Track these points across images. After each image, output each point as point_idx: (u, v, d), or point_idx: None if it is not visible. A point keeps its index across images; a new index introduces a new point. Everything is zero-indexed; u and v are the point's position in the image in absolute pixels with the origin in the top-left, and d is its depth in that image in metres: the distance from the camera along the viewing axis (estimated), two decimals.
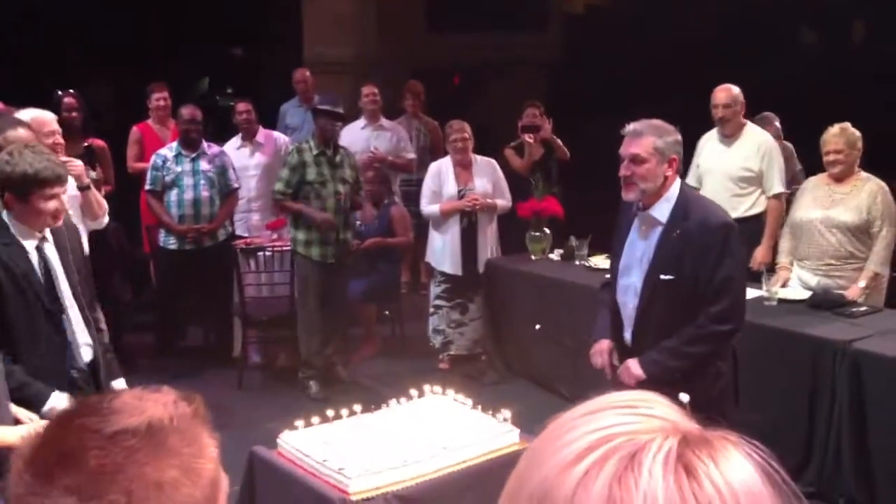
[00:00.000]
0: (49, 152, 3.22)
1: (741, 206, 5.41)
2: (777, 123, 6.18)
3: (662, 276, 3.21)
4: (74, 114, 5.85)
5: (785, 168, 5.54)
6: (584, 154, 6.58)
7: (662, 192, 3.22)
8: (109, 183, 5.95)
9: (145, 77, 7.21)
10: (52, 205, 2.99)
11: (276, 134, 6.94)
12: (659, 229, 3.25)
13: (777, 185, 5.39)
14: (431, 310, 6.09)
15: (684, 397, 2.94)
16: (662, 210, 3.24)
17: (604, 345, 3.47)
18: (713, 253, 3.16)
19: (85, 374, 3.15)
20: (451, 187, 5.91)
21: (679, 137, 3.26)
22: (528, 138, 6.59)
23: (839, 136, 4.67)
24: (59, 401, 2.85)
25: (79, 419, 0.93)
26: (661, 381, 3.11)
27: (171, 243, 6.02)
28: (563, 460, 0.60)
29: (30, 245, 3.05)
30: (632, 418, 0.62)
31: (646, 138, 3.18)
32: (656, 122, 3.26)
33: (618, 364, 3.44)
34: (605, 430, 0.60)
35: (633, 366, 3.27)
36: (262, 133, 6.76)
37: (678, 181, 3.29)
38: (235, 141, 6.73)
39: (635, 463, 0.58)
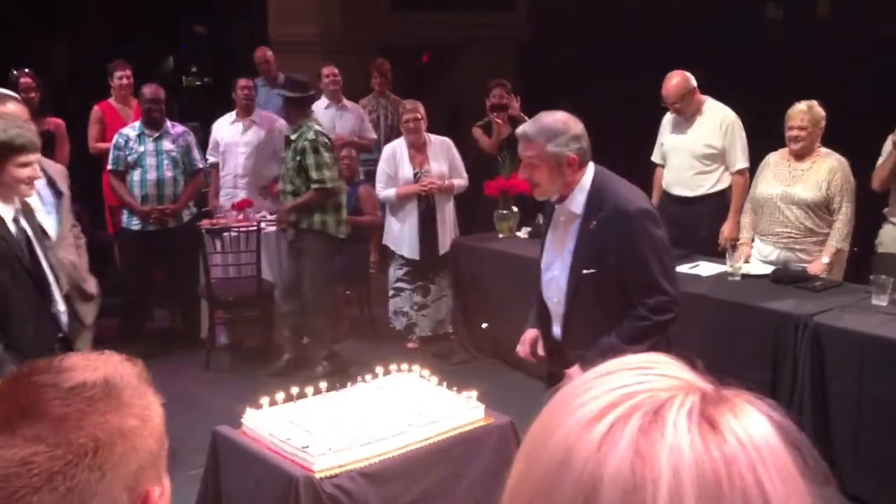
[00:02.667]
0: (23, 120, 3.19)
1: (706, 183, 5.45)
2: None
3: (585, 271, 3.10)
4: (32, 94, 5.76)
5: None
6: None
7: (572, 185, 3.10)
8: (63, 162, 5.87)
9: (108, 54, 7.09)
10: (26, 171, 2.97)
11: (275, 116, 6.86)
12: (577, 222, 3.14)
13: (740, 161, 5.41)
14: (392, 292, 6.07)
15: None
16: (577, 201, 3.12)
17: (528, 335, 3.43)
18: (633, 241, 3.04)
19: (66, 341, 3.13)
20: (406, 170, 5.84)
21: (577, 131, 3.07)
22: (496, 118, 6.58)
23: (805, 113, 4.69)
24: None
25: (33, 377, 0.94)
26: None
27: (135, 224, 5.95)
28: (583, 417, 0.61)
29: (7, 216, 3.01)
30: (648, 377, 0.63)
31: (535, 144, 3.05)
32: (549, 120, 3.09)
33: (543, 354, 3.38)
34: (625, 389, 0.62)
35: (577, 375, 3.07)
36: (259, 112, 6.71)
37: (589, 171, 3.13)
38: (230, 115, 6.69)
39: (659, 418, 0.59)
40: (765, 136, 5.36)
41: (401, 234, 5.89)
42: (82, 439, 0.89)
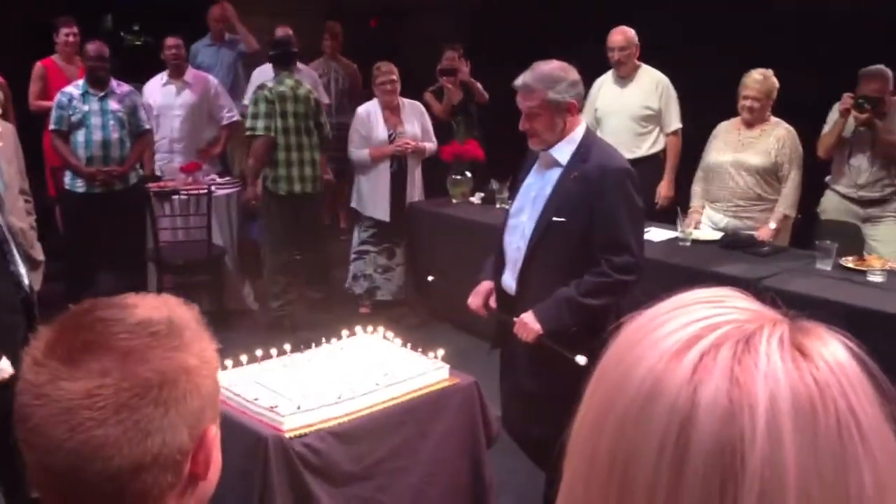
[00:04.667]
0: None
1: (644, 145, 5.61)
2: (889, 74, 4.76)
3: (555, 218, 3.11)
4: None
5: None
6: (506, 97, 6.58)
7: (565, 134, 3.16)
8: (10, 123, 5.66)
9: (45, 11, 6.84)
10: None
11: (207, 76, 6.70)
12: (558, 171, 3.18)
13: (675, 122, 5.63)
14: (354, 255, 6.05)
15: (581, 359, 2.88)
16: (563, 152, 3.17)
17: (482, 286, 3.43)
18: (612, 197, 3.07)
19: (27, 302, 3.04)
20: (380, 131, 5.82)
21: (574, 78, 3.15)
22: (447, 82, 6.58)
23: (760, 82, 4.79)
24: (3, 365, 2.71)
25: (97, 312, 0.94)
26: (558, 336, 3.05)
27: (79, 186, 5.78)
28: (669, 349, 0.61)
29: None
30: (725, 309, 0.64)
31: (537, 93, 3.09)
32: (547, 68, 3.13)
33: (494, 306, 3.38)
34: (707, 320, 0.62)
35: (530, 320, 3.12)
36: (190, 72, 6.53)
37: (583, 124, 3.23)
38: (161, 77, 6.49)
39: (751, 346, 0.60)
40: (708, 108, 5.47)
41: (371, 195, 5.87)
42: (148, 373, 0.90)
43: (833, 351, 0.61)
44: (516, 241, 3.27)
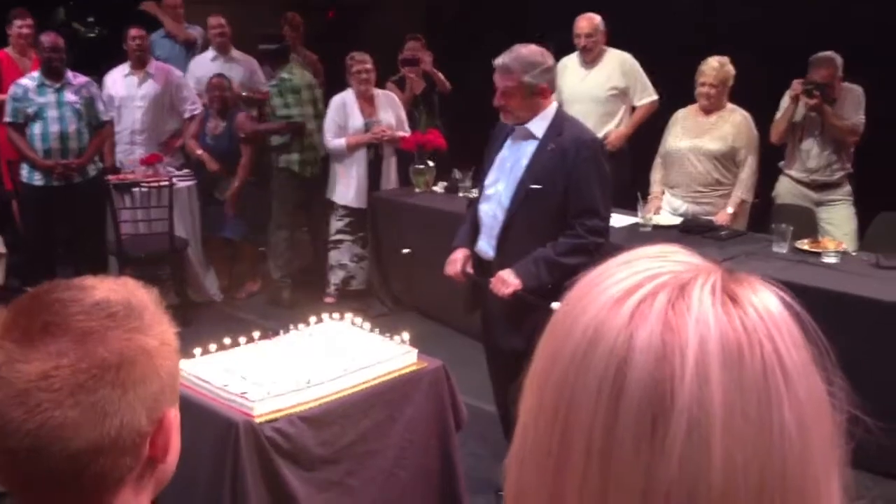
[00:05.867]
0: None
1: (607, 126, 5.67)
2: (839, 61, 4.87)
3: (532, 186, 3.36)
4: None
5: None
6: (466, 87, 6.61)
7: (538, 112, 3.41)
8: None
9: None
10: None
11: (170, 67, 6.61)
12: (533, 143, 3.41)
13: (651, 91, 5.70)
14: (329, 245, 6.08)
15: (556, 306, 3.02)
16: (539, 126, 3.41)
17: (459, 253, 3.61)
18: (585, 167, 3.33)
19: None
20: (356, 120, 5.88)
21: (549, 63, 3.40)
22: (409, 72, 6.58)
23: (717, 70, 4.89)
24: None
25: (54, 293, 0.92)
26: (534, 292, 3.24)
27: (37, 179, 5.70)
28: (611, 297, 0.64)
29: None
30: (667, 262, 0.67)
31: (514, 74, 3.31)
32: (526, 52, 3.36)
33: (471, 272, 3.57)
34: (648, 271, 0.65)
35: (508, 276, 3.34)
36: (153, 64, 6.44)
37: (554, 103, 3.48)
38: (123, 68, 6.39)
39: (685, 293, 0.63)
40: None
41: (346, 184, 5.91)
42: (106, 354, 0.89)
43: (763, 299, 0.64)
44: (493, 209, 3.47)
